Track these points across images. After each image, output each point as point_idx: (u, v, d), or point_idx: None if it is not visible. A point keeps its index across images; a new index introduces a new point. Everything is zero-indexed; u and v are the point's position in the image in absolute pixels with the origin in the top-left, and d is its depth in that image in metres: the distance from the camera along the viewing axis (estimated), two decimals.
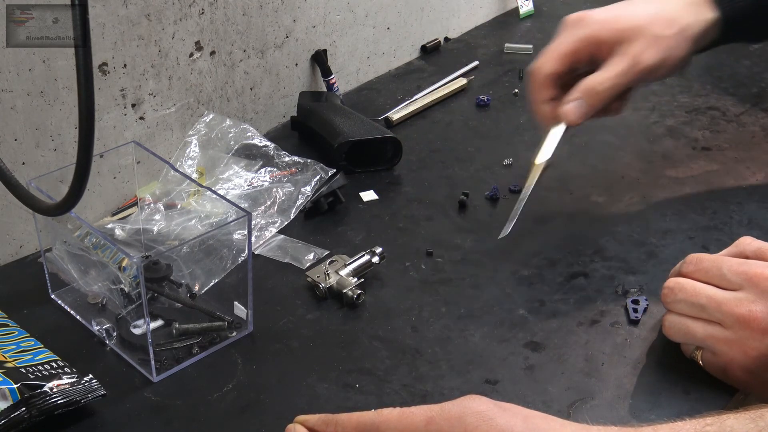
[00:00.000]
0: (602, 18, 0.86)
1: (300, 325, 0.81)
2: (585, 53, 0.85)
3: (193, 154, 0.98)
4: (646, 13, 0.85)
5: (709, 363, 0.72)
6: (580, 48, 0.84)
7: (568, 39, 0.85)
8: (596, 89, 0.82)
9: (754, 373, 0.69)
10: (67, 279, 0.82)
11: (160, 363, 0.76)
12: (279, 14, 1.09)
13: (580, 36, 0.85)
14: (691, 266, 0.73)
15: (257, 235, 0.92)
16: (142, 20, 0.93)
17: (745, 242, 0.73)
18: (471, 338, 0.79)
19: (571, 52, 0.84)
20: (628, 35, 0.83)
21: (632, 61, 0.83)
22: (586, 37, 0.84)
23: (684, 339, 0.74)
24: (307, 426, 0.59)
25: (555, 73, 0.84)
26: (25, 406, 0.67)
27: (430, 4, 1.33)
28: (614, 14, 0.86)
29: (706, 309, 0.70)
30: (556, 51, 0.85)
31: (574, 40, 0.85)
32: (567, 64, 0.84)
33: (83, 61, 0.57)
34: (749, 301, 0.68)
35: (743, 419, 0.58)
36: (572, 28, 0.86)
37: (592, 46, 0.84)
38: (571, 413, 0.70)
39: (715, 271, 0.71)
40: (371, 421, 0.57)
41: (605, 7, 0.87)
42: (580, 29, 0.85)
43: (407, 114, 1.16)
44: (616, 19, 0.85)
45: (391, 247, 0.90)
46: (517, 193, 0.99)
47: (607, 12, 0.86)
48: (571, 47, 0.84)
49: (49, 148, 0.88)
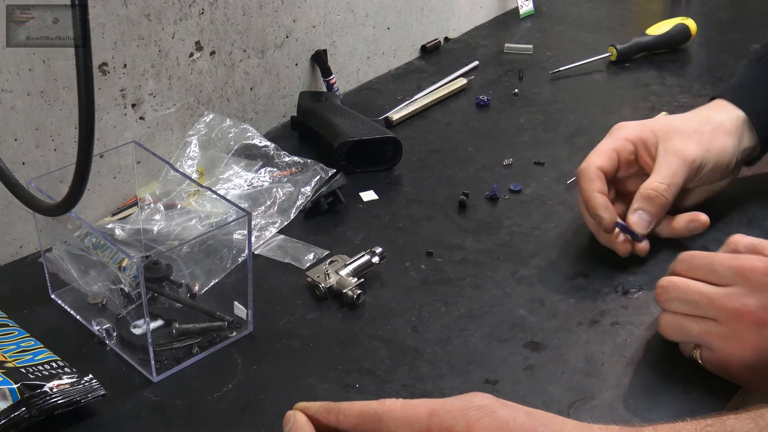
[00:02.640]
0: (640, 123, 0.91)
1: (300, 325, 0.81)
2: (628, 151, 0.88)
3: (193, 154, 0.98)
4: (680, 118, 0.91)
5: (708, 360, 0.72)
6: (624, 146, 0.88)
7: (610, 140, 0.89)
8: (652, 195, 0.85)
9: (754, 367, 0.69)
10: (67, 279, 0.82)
11: (160, 363, 0.76)
12: (279, 14, 1.09)
13: (621, 136, 0.89)
14: (684, 264, 0.74)
15: (257, 235, 0.92)
16: (142, 20, 0.93)
17: (736, 239, 0.74)
18: (471, 338, 0.79)
19: (615, 149, 0.87)
20: (666, 133, 0.88)
21: (678, 156, 0.86)
22: (626, 137, 0.88)
23: (680, 337, 0.74)
24: (308, 413, 0.59)
25: (602, 167, 0.86)
26: (25, 406, 0.67)
27: (430, 4, 1.33)
28: (651, 120, 0.93)
29: (699, 306, 0.71)
30: (601, 149, 0.88)
31: (617, 139, 0.89)
32: (613, 160, 0.87)
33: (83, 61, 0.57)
34: (741, 296, 0.69)
35: (744, 419, 0.58)
36: (614, 131, 0.90)
37: (633, 144, 0.88)
38: (571, 413, 0.70)
39: (707, 267, 0.72)
40: (374, 412, 0.57)
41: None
42: (621, 131, 0.89)
43: (407, 114, 1.16)
44: (654, 122, 0.91)
45: (391, 247, 0.90)
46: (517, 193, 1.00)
47: (643, 120, 0.92)
48: (614, 145, 0.88)
49: (49, 148, 0.88)
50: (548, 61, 1.31)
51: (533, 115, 1.17)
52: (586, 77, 1.28)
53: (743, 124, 0.90)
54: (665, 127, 0.88)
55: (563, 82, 1.26)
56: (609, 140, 0.89)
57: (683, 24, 1.33)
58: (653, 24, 1.33)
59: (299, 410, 0.59)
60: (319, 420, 0.58)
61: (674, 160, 0.86)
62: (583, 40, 1.38)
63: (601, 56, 1.30)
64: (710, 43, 1.38)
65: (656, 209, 0.84)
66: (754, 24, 1.45)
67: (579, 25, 1.45)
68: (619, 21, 1.48)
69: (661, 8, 1.55)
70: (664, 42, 1.32)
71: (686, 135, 0.87)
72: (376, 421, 0.57)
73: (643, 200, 0.85)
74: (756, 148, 0.92)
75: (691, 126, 0.88)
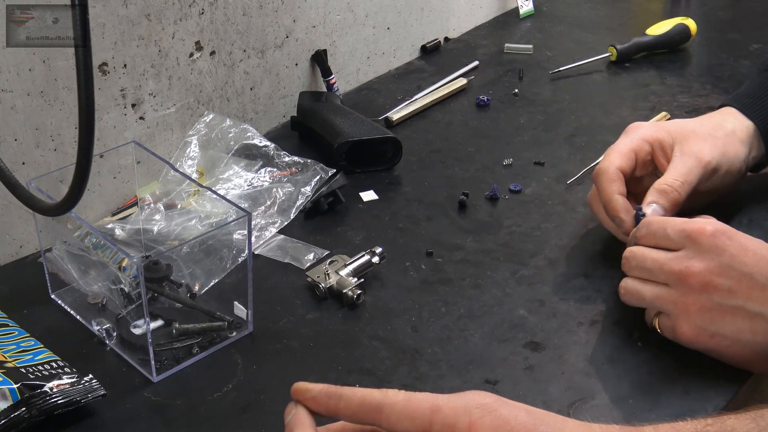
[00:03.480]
0: (655, 124, 0.91)
1: (300, 325, 0.81)
2: (645, 152, 0.88)
3: (193, 154, 0.98)
4: (694, 122, 0.91)
5: (664, 326, 0.75)
6: (641, 146, 0.88)
7: (627, 140, 0.89)
8: (667, 189, 0.85)
9: (700, 327, 0.72)
10: (67, 279, 0.82)
11: (160, 363, 0.76)
12: (279, 14, 1.09)
13: (637, 136, 0.89)
14: (643, 230, 0.77)
15: (257, 235, 0.92)
16: (142, 20, 0.93)
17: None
18: (471, 338, 0.79)
19: (633, 150, 0.88)
20: (682, 135, 0.88)
21: (694, 157, 0.86)
22: (643, 137, 0.88)
23: (635, 302, 0.77)
24: (309, 396, 0.58)
25: (621, 167, 0.87)
26: (25, 406, 0.67)
27: (430, 4, 1.33)
28: (666, 122, 0.93)
29: (652, 272, 0.74)
30: (619, 150, 0.88)
31: (633, 139, 0.88)
32: (632, 160, 0.87)
33: (83, 61, 0.57)
34: (687, 258, 0.72)
35: (744, 419, 0.58)
36: (630, 131, 0.90)
37: (650, 145, 0.88)
38: (572, 413, 0.70)
39: (661, 232, 0.75)
40: (377, 402, 0.57)
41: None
42: (638, 131, 0.89)
43: (407, 114, 1.16)
44: (669, 124, 0.91)
45: (391, 247, 0.90)
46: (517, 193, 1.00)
47: (658, 122, 0.93)
48: (632, 145, 0.88)
49: (49, 148, 0.88)
50: (548, 61, 1.31)
51: (533, 115, 1.17)
52: (586, 77, 1.28)
53: (754, 134, 0.91)
54: (681, 129, 0.89)
55: (563, 82, 1.26)
56: (626, 140, 0.89)
57: (683, 24, 1.33)
58: (653, 24, 1.34)
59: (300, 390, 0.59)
60: (319, 404, 0.58)
61: (690, 160, 0.86)
62: (583, 40, 1.38)
63: (601, 56, 1.30)
64: (710, 43, 1.38)
65: (670, 204, 0.84)
66: (754, 24, 1.45)
67: (579, 25, 1.45)
68: (619, 21, 1.48)
69: (661, 8, 1.55)
70: (664, 42, 1.32)
71: (701, 138, 0.88)
72: (377, 411, 0.56)
73: (657, 194, 0.85)
74: (763, 157, 0.93)
75: (706, 130, 0.89)
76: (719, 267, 0.70)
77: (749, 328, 0.70)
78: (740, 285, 0.69)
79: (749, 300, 0.69)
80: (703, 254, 0.71)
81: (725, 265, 0.70)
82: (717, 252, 0.70)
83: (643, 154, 0.88)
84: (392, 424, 0.56)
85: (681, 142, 0.87)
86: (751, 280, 0.69)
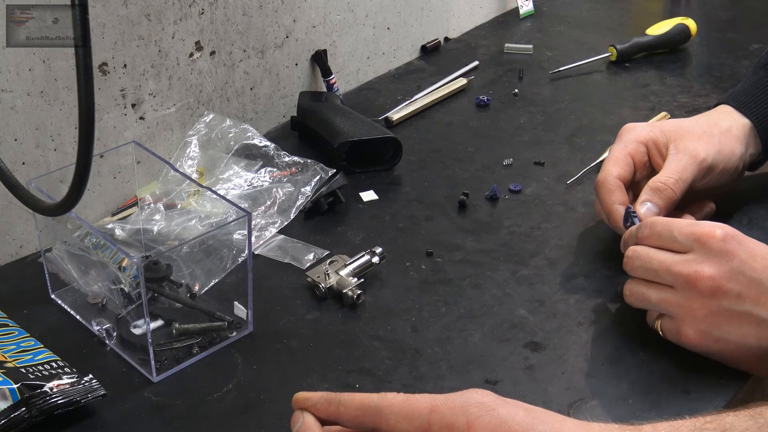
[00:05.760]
0: (649, 124, 0.91)
1: (300, 325, 0.81)
2: (641, 154, 0.88)
3: (193, 154, 0.98)
4: (689, 121, 0.91)
5: (667, 329, 0.74)
6: (637, 149, 0.88)
7: (622, 144, 0.89)
8: (660, 187, 0.85)
9: (705, 331, 0.71)
10: (67, 279, 0.82)
11: (160, 363, 0.76)
12: (279, 14, 1.09)
13: (633, 139, 0.88)
14: (646, 230, 0.76)
15: (257, 235, 0.92)
16: (142, 20, 0.93)
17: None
18: (471, 338, 0.79)
19: (629, 154, 0.87)
20: (677, 134, 0.88)
21: (688, 154, 0.86)
22: (637, 139, 0.88)
23: (640, 304, 0.76)
24: (309, 404, 0.59)
25: (620, 175, 0.86)
26: (25, 406, 0.67)
27: (430, 4, 1.33)
28: (660, 123, 0.93)
29: (658, 273, 0.73)
30: (616, 156, 0.88)
31: (629, 142, 0.88)
32: (630, 166, 0.87)
33: (83, 61, 0.57)
34: (697, 262, 0.71)
35: (743, 417, 0.58)
36: (624, 135, 0.90)
37: (645, 146, 0.88)
38: (571, 413, 0.70)
39: (667, 234, 0.74)
40: (375, 405, 0.57)
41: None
42: (631, 134, 0.89)
43: (407, 114, 1.16)
44: (663, 124, 0.91)
45: (391, 247, 0.90)
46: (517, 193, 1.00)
47: (652, 122, 0.92)
48: (627, 150, 0.88)
49: (49, 148, 0.88)
50: (548, 61, 1.31)
51: (533, 115, 1.17)
52: (586, 77, 1.28)
53: (749, 131, 0.91)
54: (676, 128, 0.89)
55: (563, 82, 1.26)
56: (621, 145, 0.88)
57: (683, 24, 1.33)
58: (653, 24, 1.34)
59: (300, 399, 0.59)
60: (320, 411, 0.59)
61: (684, 158, 0.86)
62: (583, 40, 1.38)
63: (601, 56, 1.30)
64: (710, 43, 1.38)
65: (664, 202, 0.84)
66: (754, 24, 1.45)
67: (579, 25, 1.45)
68: (619, 21, 1.48)
69: (661, 8, 1.55)
70: (664, 42, 1.32)
71: (696, 136, 0.87)
72: (376, 414, 0.57)
73: (651, 192, 0.85)
74: (760, 155, 0.93)
75: (701, 128, 0.89)
76: (729, 272, 0.69)
77: (755, 334, 0.69)
78: (749, 290, 0.69)
79: (757, 306, 0.69)
80: (712, 258, 0.70)
81: (735, 270, 0.69)
82: (727, 256, 0.70)
83: (640, 156, 0.88)
84: (391, 426, 0.56)
85: (675, 140, 0.87)
86: (760, 285, 0.69)
